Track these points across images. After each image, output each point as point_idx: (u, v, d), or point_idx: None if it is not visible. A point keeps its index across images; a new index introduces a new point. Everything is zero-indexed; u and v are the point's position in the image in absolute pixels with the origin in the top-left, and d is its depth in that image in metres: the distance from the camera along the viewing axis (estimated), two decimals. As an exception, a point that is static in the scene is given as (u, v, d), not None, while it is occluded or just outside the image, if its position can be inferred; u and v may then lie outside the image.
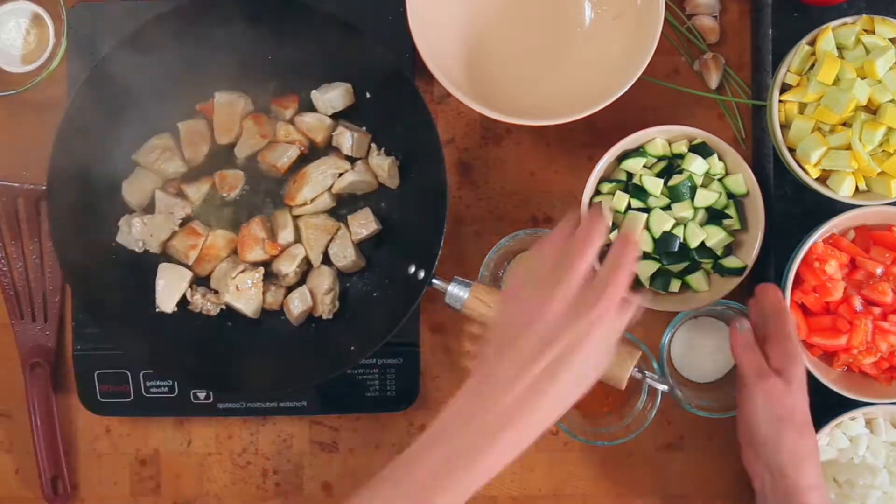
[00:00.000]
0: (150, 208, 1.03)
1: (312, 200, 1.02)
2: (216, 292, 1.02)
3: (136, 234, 1.01)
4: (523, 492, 1.07)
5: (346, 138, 1.01)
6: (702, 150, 0.98)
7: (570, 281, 0.73)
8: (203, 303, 1.02)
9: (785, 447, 0.85)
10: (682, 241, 0.98)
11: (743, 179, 0.99)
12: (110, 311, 0.99)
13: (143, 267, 1.03)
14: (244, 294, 1.01)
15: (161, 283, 1.01)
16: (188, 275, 1.02)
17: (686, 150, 0.99)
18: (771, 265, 1.03)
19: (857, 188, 0.98)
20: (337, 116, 1.03)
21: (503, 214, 1.07)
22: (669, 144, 1.00)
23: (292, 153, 1.02)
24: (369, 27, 0.99)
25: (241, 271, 1.01)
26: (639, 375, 0.89)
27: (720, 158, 1.00)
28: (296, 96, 1.03)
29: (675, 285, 0.99)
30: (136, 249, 1.02)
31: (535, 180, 1.08)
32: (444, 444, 0.71)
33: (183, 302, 1.02)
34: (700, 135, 0.99)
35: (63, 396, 1.08)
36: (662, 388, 0.91)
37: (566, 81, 1.04)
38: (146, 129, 1.03)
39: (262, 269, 1.01)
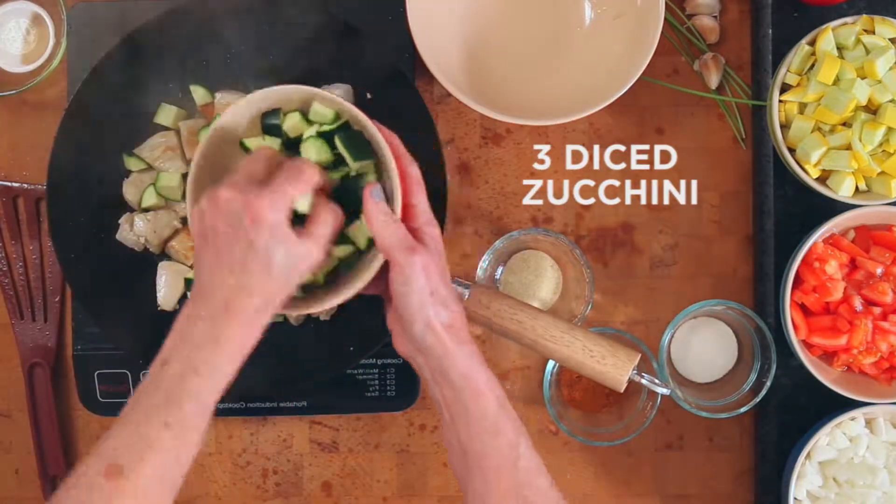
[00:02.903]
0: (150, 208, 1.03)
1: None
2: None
3: (138, 230, 1.01)
4: (523, 492, 1.07)
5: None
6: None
7: (222, 192, 0.76)
8: (203, 303, 1.02)
9: (436, 322, 0.77)
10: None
11: (322, 106, 0.85)
12: (110, 311, 0.99)
13: (144, 266, 1.03)
14: None
15: (162, 281, 1.01)
16: (189, 272, 1.02)
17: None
18: (771, 265, 1.03)
19: (857, 188, 0.98)
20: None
21: (503, 214, 1.07)
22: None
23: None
24: (369, 27, 0.99)
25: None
26: (638, 378, 0.89)
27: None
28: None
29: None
30: (136, 248, 1.02)
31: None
32: (173, 359, 0.75)
33: (184, 300, 1.02)
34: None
35: (63, 396, 1.08)
36: (662, 391, 0.91)
37: (566, 81, 1.04)
38: (146, 128, 1.03)
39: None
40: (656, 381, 0.91)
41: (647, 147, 1.07)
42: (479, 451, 0.77)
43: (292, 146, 0.85)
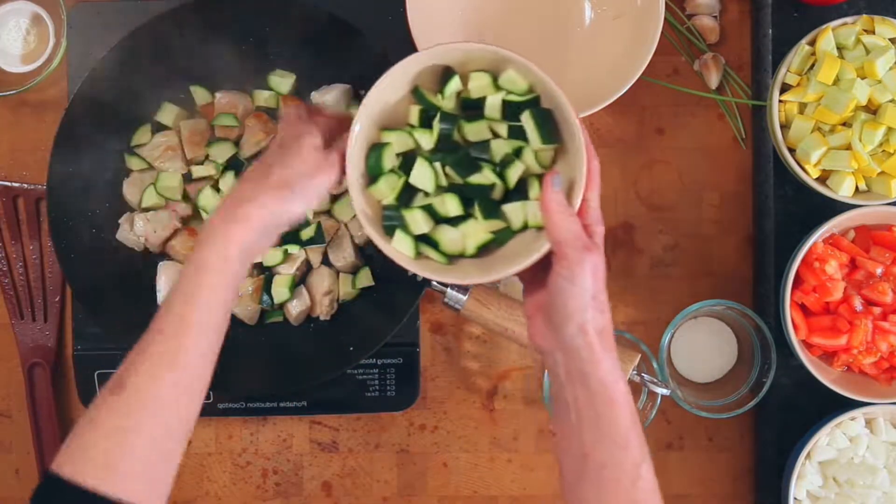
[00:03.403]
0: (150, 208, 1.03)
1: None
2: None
3: (138, 230, 1.01)
4: (523, 492, 1.07)
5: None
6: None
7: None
8: (203, 303, 1.02)
9: (591, 325, 0.74)
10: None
11: (517, 74, 0.79)
12: (110, 311, 0.99)
13: (143, 266, 1.03)
14: (243, 299, 1.01)
15: (162, 280, 1.01)
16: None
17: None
18: (771, 265, 1.03)
19: (857, 188, 0.98)
20: (337, 116, 1.03)
21: (503, 214, 1.07)
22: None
23: None
24: (369, 27, 0.99)
25: (242, 275, 1.01)
26: (637, 378, 0.89)
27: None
28: (300, 100, 1.03)
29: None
30: (136, 248, 1.02)
31: (535, 180, 1.08)
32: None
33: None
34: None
35: (63, 396, 1.08)
36: (662, 391, 0.91)
37: (566, 81, 1.03)
38: (145, 129, 1.03)
39: (262, 277, 1.01)
40: (656, 381, 0.91)
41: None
42: (601, 460, 0.74)
43: (472, 108, 0.80)
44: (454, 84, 0.79)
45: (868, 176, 0.98)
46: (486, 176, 0.79)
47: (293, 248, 1.01)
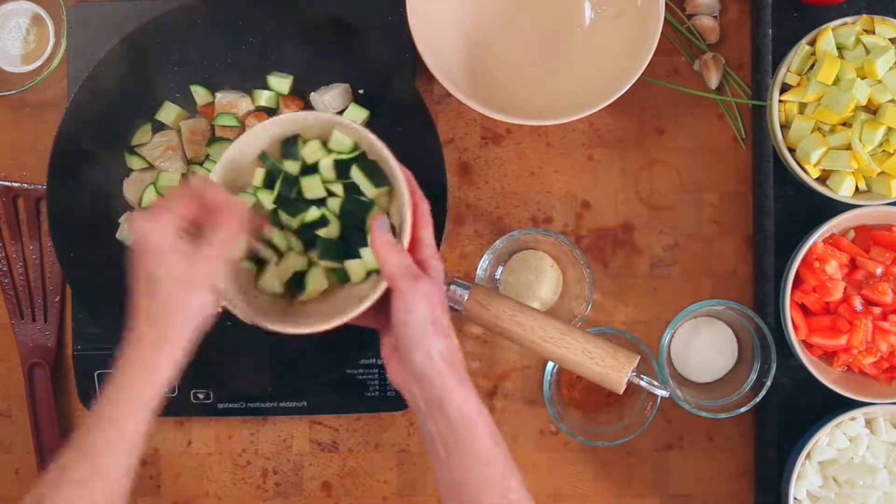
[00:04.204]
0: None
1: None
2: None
3: None
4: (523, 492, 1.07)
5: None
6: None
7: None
8: (203, 302, 1.02)
9: (435, 352, 0.77)
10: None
11: (342, 134, 0.86)
12: (110, 311, 0.99)
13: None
14: None
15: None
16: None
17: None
18: (771, 265, 1.03)
19: (857, 188, 0.98)
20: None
21: (503, 214, 1.07)
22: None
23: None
24: (369, 27, 0.99)
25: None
26: (637, 380, 0.89)
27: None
28: (301, 101, 1.03)
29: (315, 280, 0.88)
30: (136, 248, 1.02)
31: (535, 180, 1.08)
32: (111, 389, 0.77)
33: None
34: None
35: (63, 396, 1.08)
36: (662, 393, 0.91)
37: (566, 81, 1.04)
38: (145, 129, 1.03)
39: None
40: (655, 383, 0.91)
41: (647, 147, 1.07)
42: (470, 480, 0.77)
43: (310, 172, 0.87)
44: (304, 148, 0.87)
45: (868, 176, 0.98)
46: (314, 213, 0.86)
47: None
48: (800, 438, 1.01)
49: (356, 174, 0.85)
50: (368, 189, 0.85)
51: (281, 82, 1.03)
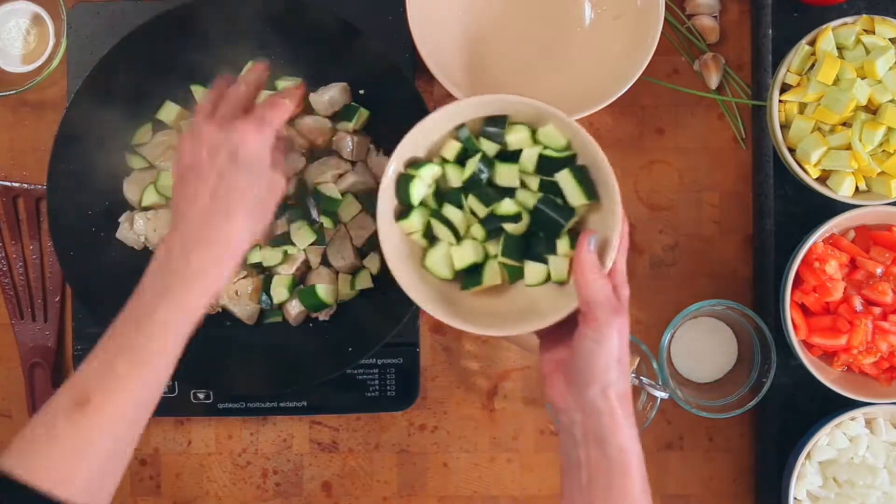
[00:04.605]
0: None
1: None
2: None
3: (138, 229, 1.01)
4: (523, 492, 1.07)
5: (346, 142, 1.02)
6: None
7: (207, 124, 0.78)
8: (203, 302, 1.02)
9: (613, 389, 0.74)
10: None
11: (557, 130, 0.80)
12: (110, 311, 0.99)
13: (144, 265, 1.02)
14: (242, 299, 1.01)
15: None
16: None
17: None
18: (771, 265, 1.03)
19: (857, 188, 0.98)
20: (337, 116, 1.03)
21: (503, 214, 1.07)
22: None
23: (297, 162, 1.02)
24: (369, 27, 0.99)
25: (242, 277, 1.01)
26: (636, 382, 0.89)
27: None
28: (302, 102, 1.03)
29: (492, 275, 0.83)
30: (136, 247, 1.02)
31: (535, 180, 1.08)
32: (147, 291, 0.77)
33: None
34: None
35: (63, 396, 1.08)
36: (661, 395, 0.91)
37: (566, 81, 1.04)
38: (146, 129, 1.03)
39: (261, 277, 1.01)
40: (655, 384, 0.91)
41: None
42: None
43: (509, 159, 0.81)
44: (510, 133, 0.81)
45: (868, 176, 0.98)
46: (508, 206, 0.80)
47: (292, 250, 1.01)
48: (800, 438, 1.01)
49: (566, 178, 0.79)
50: (577, 197, 0.79)
51: (288, 85, 1.03)
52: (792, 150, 0.99)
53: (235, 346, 1.02)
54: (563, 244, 0.79)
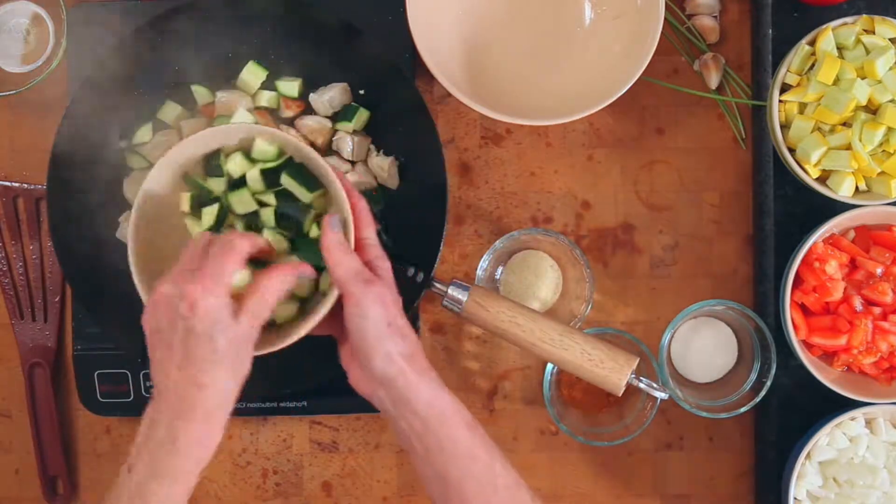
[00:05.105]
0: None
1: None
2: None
3: None
4: (523, 492, 1.07)
5: (347, 143, 1.02)
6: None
7: (161, 288, 0.75)
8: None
9: (395, 353, 0.76)
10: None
11: (264, 143, 0.83)
12: (110, 311, 0.99)
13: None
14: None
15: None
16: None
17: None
18: (771, 265, 1.03)
19: (857, 188, 0.98)
20: (337, 116, 1.03)
21: (503, 214, 1.07)
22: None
23: None
24: (369, 27, 0.99)
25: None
26: (636, 382, 0.89)
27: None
28: (302, 102, 1.03)
29: None
30: (136, 247, 1.02)
31: (535, 180, 1.08)
32: (138, 464, 0.74)
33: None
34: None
35: (63, 396, 1.08)
36: (661, 395, 0.91)
37: (566, 81, 1.04)
38: (146, 128, 1.03)
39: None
40: (655, 385, 0.91)
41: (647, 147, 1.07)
42: (458, 477, 0.76)
43: (238, 186, 0.84)
44: (228, 163, 0.84)
45: (868, 176, 0.97)
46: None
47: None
48: (800, 438, 1.01)
49: (287, 181, 0.82)
50: (303, 194, 0.83)
51: (289, 85, 1.02)
52: (792, 150, 0.98)
53: (235, 346, 1.02)
54: (313, 230, 0.82)
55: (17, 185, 1.08)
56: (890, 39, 0.97)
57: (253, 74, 1.02)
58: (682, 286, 1.07)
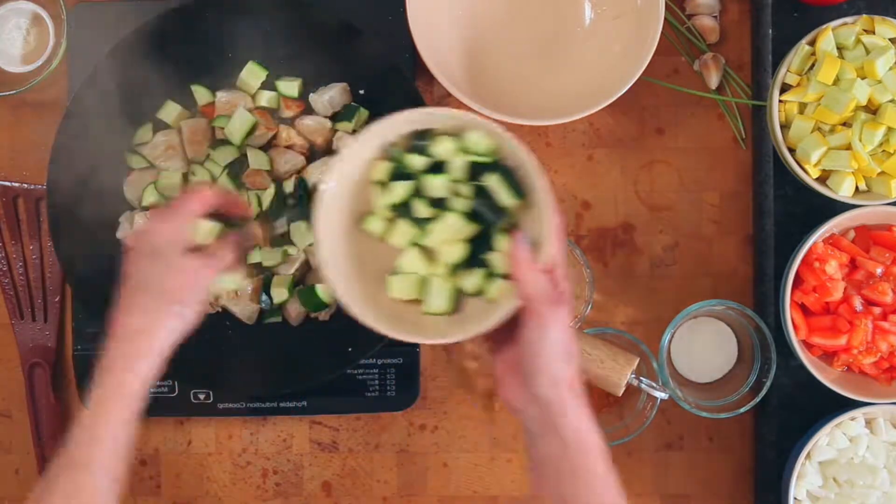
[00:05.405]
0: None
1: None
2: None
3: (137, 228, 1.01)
4: (523, 492, 1.07)
5: (346, 142, 1.02)
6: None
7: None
8: (202, 302, 1.02)
9: (562, 379, 0.76)
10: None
11: (481, 137, 0.79)
12: (110, 311, 0.99)
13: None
14: (242, 299, 1.01)
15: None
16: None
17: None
18: (771, 265, 1.03)
19: (857, 188, 0.98)
20: (337, 116, 1.03)
21: (503, 214, 1.07)
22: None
23: (297, 162, 1.02)
24: (369, 27, 0.99)
25: (242, 277, 1.01)
26: (636, 382, 0.89)
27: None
28: (302, 102, 1.03)
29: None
30: (136, 247, 1.02)
31: (535, 180, 1.08)
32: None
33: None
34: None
35: (63, 396, 1.08)
36: (661, 395, 0.91)
37: (566, 81, 1.04)
38: (146, 129, 1.03)
39: (261, 278, 1.01)
40: (654, 385, 0.91)
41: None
42: None
43: (438, 170, 0.81)
44: (436, 145, 0.80)
45: (868, 176, 0.97)
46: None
47: (292, 250, 1.01)
48: (800, 438, 1.01)
49: (495, 180, 0.79)
50: (506, 198, 0.79)
51: (289, 85, 1.03)
52: (792, 150, 0.98)
53: (235, 346, 1.02)
54: (501, 242, 0.79)
55: (17, 185, 1.08)
56: (890, 39, 0.97)
57: (253, 74, 1.02)
58: (682, 286, 1.07)
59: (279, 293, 1.01)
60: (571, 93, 1.02)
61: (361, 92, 1.03)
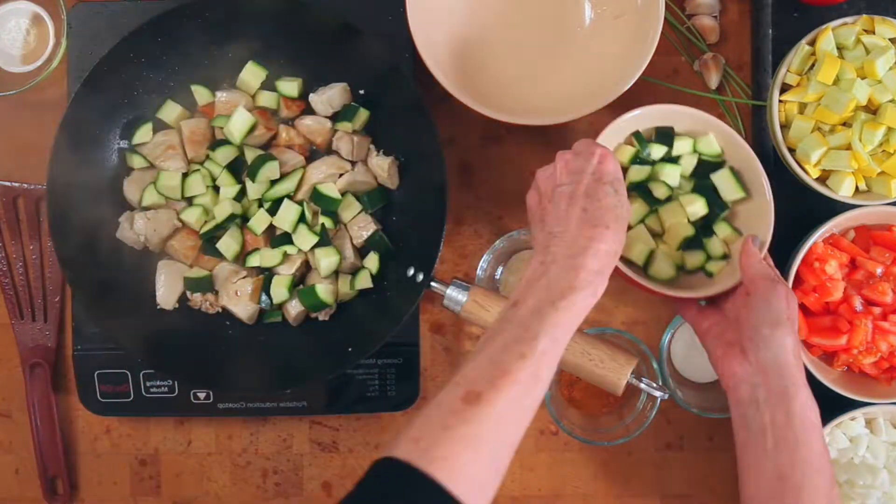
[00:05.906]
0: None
1: (312, 201, 1.03)
2: (216, 293, 1.02)
3: (138, 229, 1.01)
4: (523, 492, 1.07)
5: (346, 142, 1.02)
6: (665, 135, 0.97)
7: (564, 154, 0.86)
8: (202, 301, 1.02)
9: (790, 345, 0.83)
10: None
11: (715, 139, 0.96)
12: (110, 311, 0.99)
13: (143, 266, 1.03)
14: (242, 299, 1.01)
15: (161, 279, 1.01)
16: (188, 271, 1.02)
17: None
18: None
19: (857, 188, 0.98)
20: (337, 116, 1.03)
21: (503, 214, 1.07)
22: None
23: (297, 162, 1.02)
24: (369, 27, 0.99)
25: (242, 277, 1.01)
26: (636, 382, 0.89)
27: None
28: (302, 102, 1.03)
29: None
30: (136, 246, 1.02)
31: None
32: (528, 297, 0.77)
33: (183, 299, 1.02)
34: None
35: (63, 396, 1.08)
36: (660, 395, 0.91)
37: (566, 81, 1.04)
38: (146, 129, 1.03)
39: (261, 277, 1.01)
40: (654, 385, 0.91)
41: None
42: (799, 483, 0.79)
43: (670, 161, 0.96)
44: (677, 141, 0.96)
45: (868, 176, 0.98)
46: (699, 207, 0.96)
47: (292, 250, 1.01)
48: (800, 438, 1.01)
49: (724, 176, 0.95)
50: (732, 192, 0.95)
51: (289, 85, 1.03)
52: (792, 150, 0.99)
53: (235, 346, 1.02)
54: (721, 229, 0.95)
55: (17, 185, 1.08)
56: (890, 39, 0.97)
57: (253, 74, 1.02)
58: (682, 286, 1.07)
59: (279, 293, 1.01)
60: (571, 93, 1.02)
61: (361, 92, 1.03)
